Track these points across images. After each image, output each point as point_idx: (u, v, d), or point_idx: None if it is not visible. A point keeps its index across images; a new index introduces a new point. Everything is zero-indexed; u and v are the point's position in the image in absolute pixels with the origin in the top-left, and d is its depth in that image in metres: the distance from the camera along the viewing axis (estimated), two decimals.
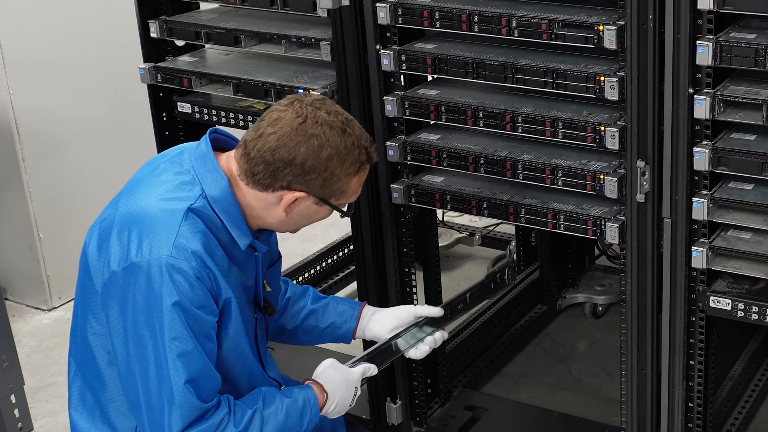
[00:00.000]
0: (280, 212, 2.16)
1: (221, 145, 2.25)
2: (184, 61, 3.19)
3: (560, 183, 2.58)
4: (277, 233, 2.38)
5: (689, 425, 2.65)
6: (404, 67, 2.72)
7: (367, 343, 2.69)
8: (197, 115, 3.15)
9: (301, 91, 2.85)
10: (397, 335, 2.48)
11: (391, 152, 2.79)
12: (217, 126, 3.16)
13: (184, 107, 3.17)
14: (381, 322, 2.51)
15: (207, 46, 3.25)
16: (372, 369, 2.40)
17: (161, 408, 2.05)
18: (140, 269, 2.05)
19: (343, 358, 2.41)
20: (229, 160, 2.17)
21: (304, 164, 2.09)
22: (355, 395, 2.34)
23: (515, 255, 2.73)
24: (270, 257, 2.38)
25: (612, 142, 2.46)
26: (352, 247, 3.79)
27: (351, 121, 2.15)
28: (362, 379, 2.37)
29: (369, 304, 2.58)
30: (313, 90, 2.83)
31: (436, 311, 2.53)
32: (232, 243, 2.16)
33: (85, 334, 2.21)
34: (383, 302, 2.99)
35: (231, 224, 2.14)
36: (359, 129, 2.16)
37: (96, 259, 2.14)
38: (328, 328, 2.52)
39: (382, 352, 2.45)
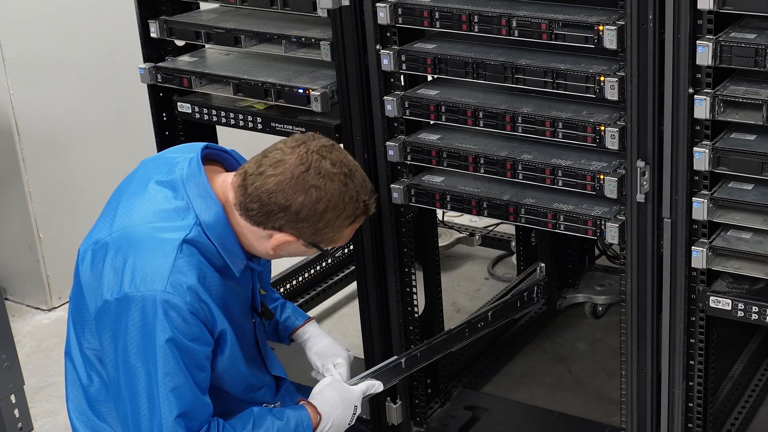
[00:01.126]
0: (268, 248, 2.15)
1: (214, 158, 2.23)
2: (184, 61, 3.19)
3: (560, 183, 2.58)
4: None
5: (689, 425, 2.65)
6: (404, 67, 2.72)
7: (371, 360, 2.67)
8: (197, 115, 3.15)
9: (301, 91, 2.85)
10: (405, 354, 2.45)
11: (391, 152, 2.79)
12: (216, 125, 3.19)
13: (184, 107, 3.17)
14: (311, 350, 2.50)
15: (207, 46, 3.24)
16: (377, 386, 2.40)
17: None
18: (134, 302, 2.03)
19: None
20: (225, 186, 2.15)
21: (298, 213, 2.07)
22: (354, 414, 2.33)
23: (545, 272, 2.64)
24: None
25: (612, 142, 2.46)
26: (352, 247, 3.79)
27: (354, 173, 2.11)
28: (366, 395, 2.37)
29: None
30: (312, 90, 2.83)
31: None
32: (227, 265, 2.15)
33: (81, 347, 2.21)
34: (383, 302, 2.99)
35: (225, 251, 2.13)
36: (361, 181, 2.13)
37: (89, 281, 2.12)
38: (272, 329, 2.52)
39: (390, 370, 2.43)
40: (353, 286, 3.95)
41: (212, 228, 2.11)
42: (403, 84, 2.78)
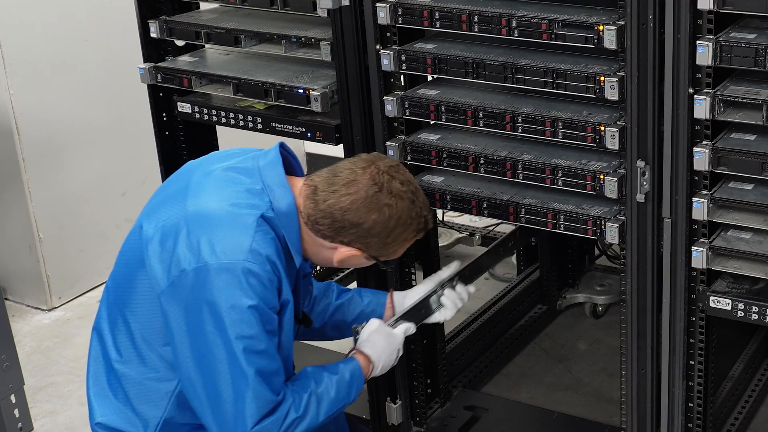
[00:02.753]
0: (330, 258, 2.26)
1: (283, 162, 2.29)
2: (184, 61, 3.19)
3: (560, 183, 2.58)
4: None
5: (689, 425, 2.65)
6: (404, 67, 2.72)
7: None
8: (197, 115, 3.15)
9: (301, 91, 2.85)
10: (431, 293, 2.58)
11: (391, 152, 2.79)
12: (216, 125, 3.19)
13: (184, 107, 3.17)
14: (415, 298, 2.58)
15: (207, 46, 3.24)
16: (411, 328, 2.50)
17: (234, 403, 2.12)
18: (213, 270, 2.10)
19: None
20: (296, 189, 2.24)
21: (371, 230, 2.20)
22: (398, 356, 2.45)
23: None
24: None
25: (612, 142, 2.46)
26: None
27: (417, 191, 2.28)
28: (406, 335, 2.48)
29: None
30: (312, 90, 2.83)
31: (454, 266, 2.63)
32: (288, 255, 2.23)
33: (125, 319, 2.25)
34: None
35: (290, 240, 2.21)
36: (423, 199, 2.30)
37: (158, 258, 2.17)
38: (357, 319, 2.58)
39: (419, 309, 2.54)
40: (353, 286, 3.94)
41: (284, 216, 2.19)
42: (403, 84, 2.78)
